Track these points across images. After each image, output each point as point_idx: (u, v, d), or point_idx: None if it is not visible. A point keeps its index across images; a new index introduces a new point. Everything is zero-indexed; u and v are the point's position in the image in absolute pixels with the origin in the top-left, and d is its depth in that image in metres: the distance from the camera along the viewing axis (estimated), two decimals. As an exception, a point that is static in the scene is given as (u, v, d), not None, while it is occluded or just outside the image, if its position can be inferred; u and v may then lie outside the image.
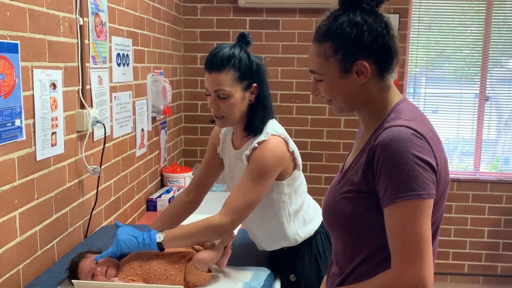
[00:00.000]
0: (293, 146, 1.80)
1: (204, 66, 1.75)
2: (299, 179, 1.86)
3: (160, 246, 1.66)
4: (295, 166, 1.81)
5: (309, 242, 1.87)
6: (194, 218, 1.86)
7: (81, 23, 2.05)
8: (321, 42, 1.23)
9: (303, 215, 1.87)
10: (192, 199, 1.99)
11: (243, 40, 1.77)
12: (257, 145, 1.73)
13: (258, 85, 1.77)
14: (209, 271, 1.66)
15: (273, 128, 1.78)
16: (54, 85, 1.86)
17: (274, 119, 1.84)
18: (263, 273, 1.79)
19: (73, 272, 1.65)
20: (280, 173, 1.76)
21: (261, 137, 1.75)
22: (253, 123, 1.77)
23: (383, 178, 1.12)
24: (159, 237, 1.66)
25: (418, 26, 4.00)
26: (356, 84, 1.22)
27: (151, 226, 1.92)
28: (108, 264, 1.66)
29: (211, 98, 1.74)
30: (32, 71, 1.72)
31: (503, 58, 4.09)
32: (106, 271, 1.64)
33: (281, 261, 1.89)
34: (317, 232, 1.89)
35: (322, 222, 1.89)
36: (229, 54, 1.70)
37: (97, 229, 2.28)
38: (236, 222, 1.71)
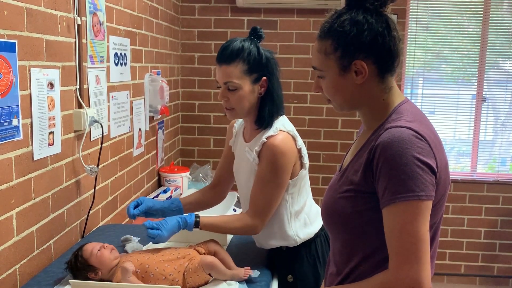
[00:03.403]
0: (301, 143, 1.82)
1: (216, 59, 1.79)
2: (304, 179, 1.88)
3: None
4: (302, 165, 1.83)
5: (308, 244, 1.88)
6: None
7: (79, 22, 2.04)
8: (322, 39, 1.24)
9: (304, 217, 1.87)
10: (216, 192, 2.07)
11: (254, 34, 1.81)
12: (265, 140, 1.76)
13: (268, 79, 1.79)
14: (210, 275, 1.66)
15: (282, 124, 1.82)
16: (51, 85, 1.86)
17: (284, 116, 1.87)
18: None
19: (76, 256, 1.66)
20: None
21: (270, 132, 1.78)
22: (262, 116, 1.80)
23: (383, 178, 1.12)
24: (196, 223, 1.75)
25: (416, 27, 4.00)
26: (354, 83, 1.22)
27: (181, 199, 1.98)
28: (113, 246, 1.69)
29: (221, 90, 1.79)
30: (29, 70, 1.72)
31: (500, 59, 4.10)
32: (111, 250, 1.67)
33: (279, 260, 1.90)
34: (317, 235, 1.89)
35: (322, 225, 1.89)
36: (238, 47, 1.74)
37: (94, 229, 2.27)
38: (265, 221, 1.79)
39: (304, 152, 1.84)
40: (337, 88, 1.24)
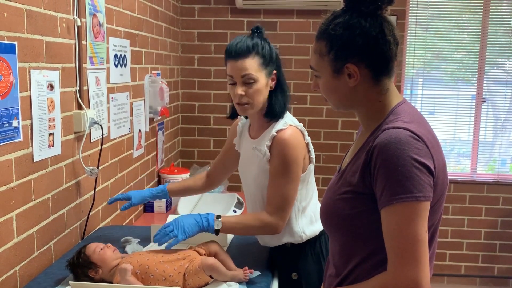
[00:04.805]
0: (308, 138, 1.86)
1: (227, 55, 1.80)
2: (311, 174, 1.91)
3: (217, 232, 1.77)
4: (310, 160, 1.87)
5: (313, 242, 1.89)
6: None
7: (79, 24, 2.04)
8: (318, 40, 1.25)
9: (310, 214, 1.89)
10: (209, 181, 2.15)
11: (258, 32, 1.85)
12: (275, 134, 1.79)
13: (277, 72, 1.85)
14: (211, 277, 1.67)
15: (291, 119, 1.86)
16: (51, 86, 1.86)
17: (289, 113, 1.91)
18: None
19: (79, 253, 1.67)
20: None
21: (279, 126, 1.81)
22: (274, 108, 1.83)
23: (381, 179, 1.12)
24: (217, 224, 1.75)
25: (415, 28, 4.00)
26: (348, 85, 1.22)
27: (168, 186, 2.10)
28: (115, 247, 1.71)
29: (238, 85, 1.79)
30: (29, 72, 1.72)
31: (500, 59, 4.11)
32: (113, 251, 1.70)
33: (283, 258, 1.91)
34: (321, 233, 1.90)
35: None
36: (253, 42, 1.79)
37: (94, 230, 2.27)
38: (285, 218, 1.80)
39: (311, 147, 1.87)
40: (332, 89, 1.25)
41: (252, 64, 1.77)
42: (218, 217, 1.77)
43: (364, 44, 1.18)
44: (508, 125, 4.16)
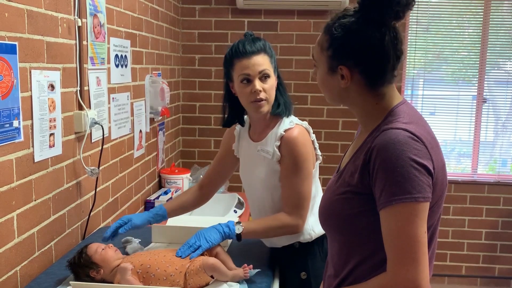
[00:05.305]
0: (313, 136, 1.88)
1: (237, 55, 1.81)
2: (317, 172, 1.92)
3: (239, 237, 1.76)
4: (316, 157, 1.89)
5: (321, 240, 1.89)
6: (197, 219, 1.87)
7: (80, 24, 2.05)
8: (324, 33, 1.25)
9: (317, 212, 1.89)
10: (203, 194, 2.10)
11: (251, 37, 1.87)
12: (283, 133, 1.80)
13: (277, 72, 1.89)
14: (212, 277, 1.67)
15: (295, 119, 1.88)
16: (52, 86, 1.86)
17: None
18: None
19: (81, 253, 1.68)
20: None
21: (286, 125, 1.83)
22: (282, 103, 1.86)
23: (379, 180, 1.12)
24: (238, 228, 1.75)
25: (416, 28, 4.00)
26: (340, 85, 1.22)
27: (165, 205, 2.00)
28: (116, 247, 1.72)
29: (256, 81, 1.79)
30: (30, 72, 1.72)
31: (501, 60, 4.10)
32: (115, 251, 1.70)
33: (292, 258, 1.91)
34: None
35: None
36: (260, 41, 1.83)
37: (94, 231, 2.28)
38: (304, 217, 1.81)
39: (316, 144, 1.90)
40: (325, 84, 1.27)
41: (266, 60, 1.81)
42: (238, 222, 1.77)
43: (361, 51, 1.18)
44: (508, 125, 4.16)
